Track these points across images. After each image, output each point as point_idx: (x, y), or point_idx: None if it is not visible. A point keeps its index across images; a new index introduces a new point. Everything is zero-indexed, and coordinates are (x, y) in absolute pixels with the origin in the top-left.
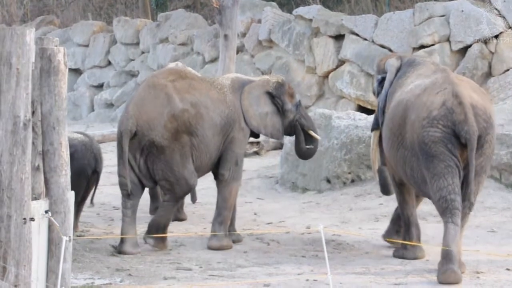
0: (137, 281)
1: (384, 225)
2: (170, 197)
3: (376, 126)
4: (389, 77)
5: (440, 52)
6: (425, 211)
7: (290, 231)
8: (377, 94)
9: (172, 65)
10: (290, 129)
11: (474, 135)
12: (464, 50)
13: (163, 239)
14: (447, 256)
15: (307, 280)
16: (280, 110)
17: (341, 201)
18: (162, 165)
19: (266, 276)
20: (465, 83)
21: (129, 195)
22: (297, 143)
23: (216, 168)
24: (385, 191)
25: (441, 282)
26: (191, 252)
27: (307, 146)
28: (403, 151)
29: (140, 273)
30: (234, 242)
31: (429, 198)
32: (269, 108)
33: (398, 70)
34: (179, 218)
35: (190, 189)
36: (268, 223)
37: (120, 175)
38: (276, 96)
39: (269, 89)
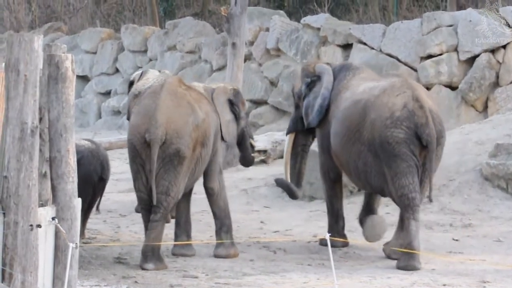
0: None
1: (391, 233)
2: (161, 216)
3: (293, 129)
4: (328, 79)
5: (448, 62)
6: (432, 221)
7: (297, 240)
8: (303, 96)
9: (152, 70)
10: (238, 137)
11: (434, 137)
12: (471, 60)
13: (162, 260)
14: (409, 253)
15: None
16: (236, 118)
17: (347, 210)
18: (172, 177)
19: (273, 284)
20: (421, 88)
21: (149, 211)
22: (244, 150)
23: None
24: (293, 195)
25: (399, 268)
26: (198, 260)
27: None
28: (358, 146)
29: (147, 281)
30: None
31: (376, 191)
32: (230, 116)
33: (333, 73)
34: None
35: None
36: (275, 232)
37: (138, 190)
38: (235, 104)
39: (229, 96)
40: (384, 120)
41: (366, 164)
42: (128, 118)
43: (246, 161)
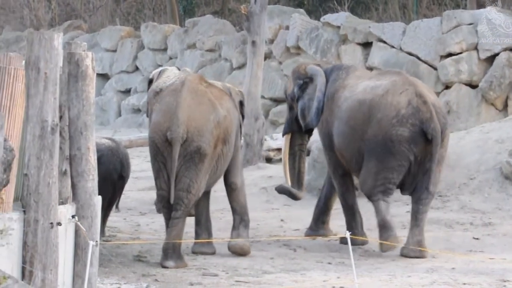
0: (163, 287)
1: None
2: (182, 213)
3: (289, 130)
4: (321, 81)
5: (468, 60)
6: (452, 219)
7: (317, 238)
8: (297, 98)
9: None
10: None
11: (439, 131)
12: (491, 59)
13: (182, 258)
14: (385, 226)
15: (334, 287)
16: (243, 119)
17: (368, 208)
18: (193, 174)
19: (293, 283)
20: (421, 83)
21: (170, 209)
22: None
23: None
24: (295, 198)
25: (383, 251)
26: (218, 258)
27: None
28: (361, 144)
29: (166, 279)
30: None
31: None
32: (239, 118)
33: (326, 74)
34: None
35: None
36: (295, 230)
37: (160, 188)
38: (243, 105)
39: (240, 98)
40: (390, 119)
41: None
42: (148, 115)
43: None
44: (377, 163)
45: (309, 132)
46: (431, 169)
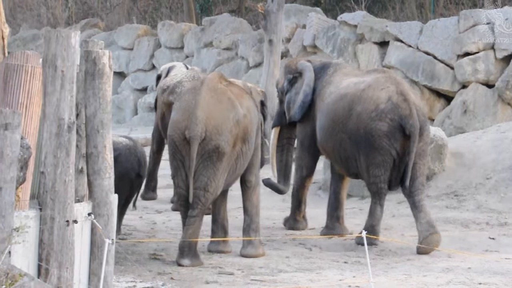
0: (179, 285)
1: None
2: (199, 211)
3: (278, 123)
4: (309, 76)
5: (485, 60)
6: (468, 219)
7: (333, 237)
8: (286, 91)
9: (179, 64)
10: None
11: (417, 128)
12: (508, 58)
13: (198, 256)
14: (371, 232)
15: (349, 286)
16: (264, 119)
17: (383, 207)
18: (210, 173)
19: (308, 282)
20: (405, 83)
21: (187, 207)
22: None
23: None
24: (280, 192)
25: (357, 243)
26: (233, 257)
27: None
28: (341, 135)
29: (182, 277)
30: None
31: (350, 175)
32: (260, 117)
33: (314, 71)
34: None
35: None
36: (311, 229)
37: (178, 186)
38: (265, 105)
39: (261, 97)
40: (369, 113)
41: (346, 150)
42: (156, 110)
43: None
44: (365, 158)
45: (294, 125)
46: (410, 164)
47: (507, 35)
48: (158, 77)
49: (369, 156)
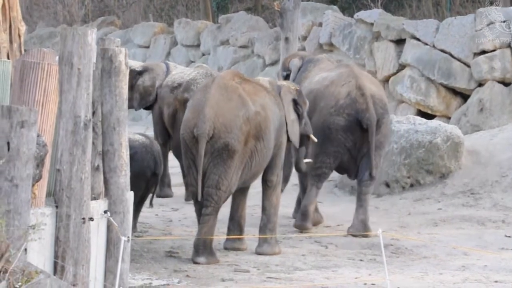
0: (195, 283)
1: (443, 230)
2: (213, 210)
3: None
4: (292, 75)
5: (501, 58)
6: (484, 217)
7: (348, 235)
8: None
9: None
10: (301, 137)
11: (374, 121)
12: None
13: (214, 254)
14: (304, 214)
15: (365, 284)
16: (299, 118)
17: (399, 205)
18: (221, 170)
19: (324, 279)
20: (365, 76)
21: (201, 205)
22: (300, 152)
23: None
24: None
25: (295, 226)
26: (249, 254)
27: (306, 160)
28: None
29: (198, 275)
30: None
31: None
32: (294, 116)
33: (300, 67)
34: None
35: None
36: (327, 227)
37: (191, 184)
38: (299, 104)
39: (294, 96)
40: (329, 108)
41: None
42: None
43: (298, 166)
44: (317, 147)
45: None
46: (370, 155)
47: None
48: (139, 73)
49: (322, 145)
